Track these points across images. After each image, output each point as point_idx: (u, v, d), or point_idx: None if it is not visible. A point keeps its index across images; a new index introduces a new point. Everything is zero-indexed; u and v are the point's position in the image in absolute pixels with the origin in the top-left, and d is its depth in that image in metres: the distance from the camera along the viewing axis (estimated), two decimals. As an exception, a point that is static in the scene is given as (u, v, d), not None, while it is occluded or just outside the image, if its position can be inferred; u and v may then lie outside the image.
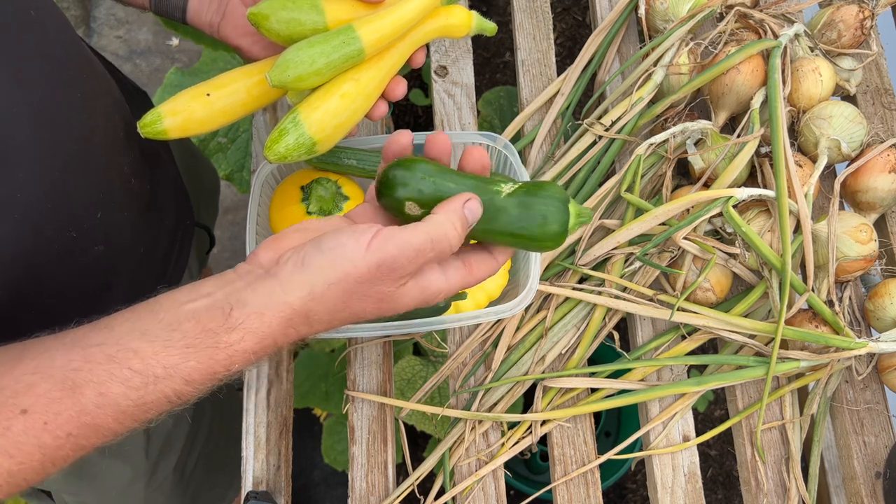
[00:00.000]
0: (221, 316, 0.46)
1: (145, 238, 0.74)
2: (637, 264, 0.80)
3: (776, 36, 0.82)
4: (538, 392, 0.80)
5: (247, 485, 0.77)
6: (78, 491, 0.89)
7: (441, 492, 0.77)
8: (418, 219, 0.50)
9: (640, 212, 0.79)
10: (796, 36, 0.83)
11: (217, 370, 0.46)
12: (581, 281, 0.83)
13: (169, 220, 0.80)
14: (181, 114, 0.63)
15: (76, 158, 0.58)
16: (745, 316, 0.78)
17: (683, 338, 0.81)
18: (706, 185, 0.80)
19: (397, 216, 0.53)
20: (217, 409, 1.00)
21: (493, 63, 1.87)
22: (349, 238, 0.48)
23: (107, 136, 0.64)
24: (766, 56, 0.80)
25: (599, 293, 0.80)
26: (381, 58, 0.64)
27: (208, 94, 0.64)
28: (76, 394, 0.44)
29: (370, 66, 0.63)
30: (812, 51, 0.84)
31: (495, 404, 0.80)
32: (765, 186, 0.78)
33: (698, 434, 0.79)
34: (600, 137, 0.85)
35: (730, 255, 0.78)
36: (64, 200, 0.57)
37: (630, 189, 0.80)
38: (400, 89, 0.67)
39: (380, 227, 0.48)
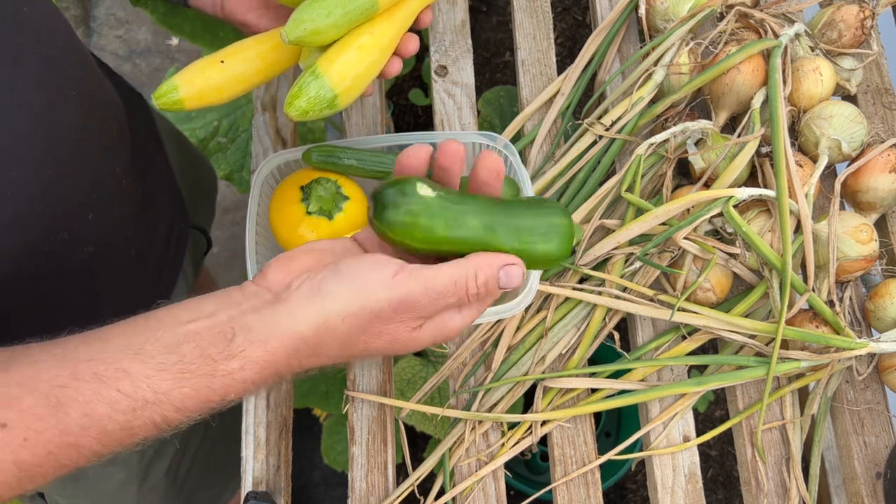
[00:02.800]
0: (223, 341, 0.44)
1: (138, 240, 0.73)
2: (637, 264, 0.79)
3: (776, 36, 0.82)
4: (538, 392, 0.80)
5: (246, 485, 0.76)
6: (70, 493, 0.88)
7: (441, 492, 0.77)
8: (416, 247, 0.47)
9: (640, 212, 0.79)
10: (797, 36, 0.83)
11: (211, 399, 0.44)
12: (581, 281, 0.82)
13: (163, 221, 0.79)
14: (196, 82, 0.63)
15: (69, 159, 0.57)
16: (746, 316, 0.78)
17: (684, 338, 0.81)
18: (706, 185, 0.79)
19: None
20: None
21: (493, 63, 1.87)
22: (372, 268, 0.45)
23: (101, 137, 0.63)
24: (767, 56, 0.80)
25: (599, 293, 0.80)
26: (394, 12, 0.65)
27: (222, 62, 0.64)
28: (60, 412, 0.41)
29: (383, 19, 0.64)
30: (812, 50, 0.83)
31: (495, 404, 0.80)
32: (765, 186, 0.78)
33: (699, 434, 0.78)
34: (600, 137, 0.85)
35: (730, 255, 0.78)
36: (55, 201, 0.56)
37: (630, 189, 0.80)
38: (413, 45, 0.67)
39: (402, 262, 0.46)
